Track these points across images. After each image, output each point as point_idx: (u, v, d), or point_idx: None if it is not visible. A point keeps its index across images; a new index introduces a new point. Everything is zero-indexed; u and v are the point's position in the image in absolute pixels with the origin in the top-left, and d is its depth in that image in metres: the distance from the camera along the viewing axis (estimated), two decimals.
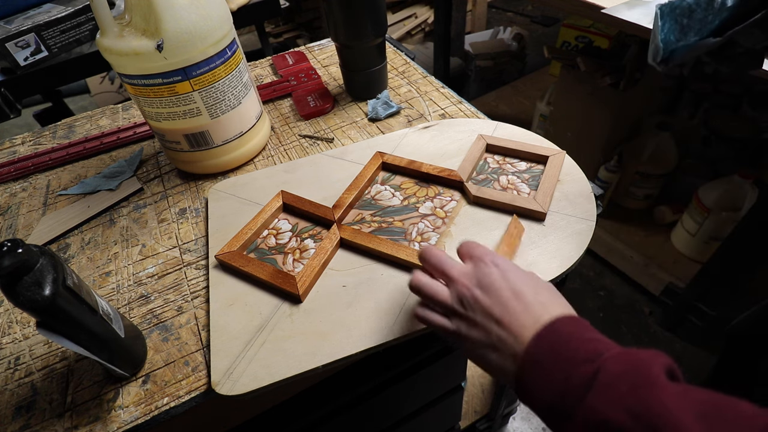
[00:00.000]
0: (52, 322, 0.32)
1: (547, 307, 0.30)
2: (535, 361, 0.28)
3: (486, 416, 0.95)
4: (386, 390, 0.55)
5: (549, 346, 0.28)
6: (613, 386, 0.24)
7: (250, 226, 0.49)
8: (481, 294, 0.32)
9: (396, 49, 0.83)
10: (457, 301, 0.33)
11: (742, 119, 1.31)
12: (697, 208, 1.14)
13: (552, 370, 0.27)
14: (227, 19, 0.53)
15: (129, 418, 0.38)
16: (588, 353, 0.26)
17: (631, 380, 0.24)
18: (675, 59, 0.39)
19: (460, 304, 0.33)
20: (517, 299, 0.31)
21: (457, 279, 0.34)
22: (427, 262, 0.36)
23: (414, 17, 2.27)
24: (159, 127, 0.56)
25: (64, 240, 0.55)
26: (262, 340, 0.40)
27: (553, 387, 0.26)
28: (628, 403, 0.23)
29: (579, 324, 0.29)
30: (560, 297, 0.33)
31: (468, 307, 0.32)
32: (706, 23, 0.38)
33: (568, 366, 0.26)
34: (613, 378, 0.24)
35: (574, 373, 0.26)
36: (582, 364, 0.26)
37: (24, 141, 0.73)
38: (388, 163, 0.56)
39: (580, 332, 0.28)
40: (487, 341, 0.31)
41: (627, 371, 0.24)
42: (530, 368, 0.28)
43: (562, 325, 0.29)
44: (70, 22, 0.89)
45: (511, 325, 0.30)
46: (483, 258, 0.34)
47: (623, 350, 0.26)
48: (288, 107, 0.72)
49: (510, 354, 0.30)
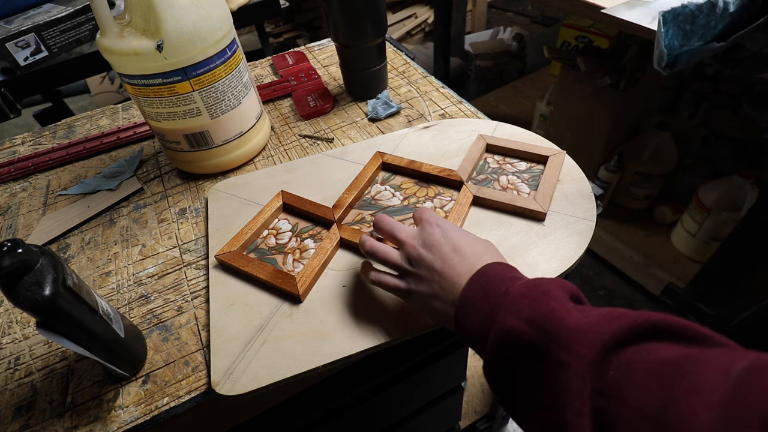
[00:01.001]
0: (52, 322, 0.32)
1: (481, 257, 0.34)
2: (467, 301, 0.31)
3: (486, 416, 0.95)
4: (386, 390, 0.55)
5: (479, 287, 0.31)
6: (516, 303, 0.28)
7: (250, 226, 0.49)
8: (425, 251, 0.36)
9: (396, 49, 0.83)
10: (405, 260, 0.37)
11: (742, 119, 1.31)
12: (697, 208, 1.14)
13: (480, 306, 0.31)
14: (227, 19, 0.53)
15: (129, 418, 0.38)
16: (506, 286, 0.30)
17: (531, 297, 0.28)
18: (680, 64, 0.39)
19: (408, 262, 0.37)
20: (456, 253, 0.35)
21: (405, 241, 0.38)
22: (380, 229, 0.40)
23: (414, 17, 2.27)
24: (159, 127, 0.56)
25: (64, 240, 0.55)
26: (262, 340, 0.40)
27: (480, 319, 0.30)
28: (526, 314, 0.27)
29: (505, 267, 0.33)
30: (495, 250, 0.37)
31: (415, 265, 0.36)
32: (709, 28, 0.38)
33: (491, 299, 0.30)
34: (517, 297, 0.29)
35: (493, 303, 0.30)
36: (500, 296, 0.30)
37: (24, 141, 0.73)
38: (388, 163, 0.56)
39: (504, 272, 0.32)
40: (432, 292, 0.34)
41: (528, 291, 0.29)
42: (464, 308, 0.32)
43: (491, 268, 0.32)
44: (70, 22, 0.89)
45: (450, 275, 0.34)
46: (429, 221, 0.38)
47: (531, 279, 0.31)
48: (288, 107, 0.72)
49: (450, 301, 0.33)
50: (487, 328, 0.29)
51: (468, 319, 0.31)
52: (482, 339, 0.30)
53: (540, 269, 0.43)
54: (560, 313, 0.26)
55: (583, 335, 0.24)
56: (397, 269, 0.38)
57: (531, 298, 0.28)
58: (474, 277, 0.32)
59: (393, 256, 0.38)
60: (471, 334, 0.31)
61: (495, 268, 0.32)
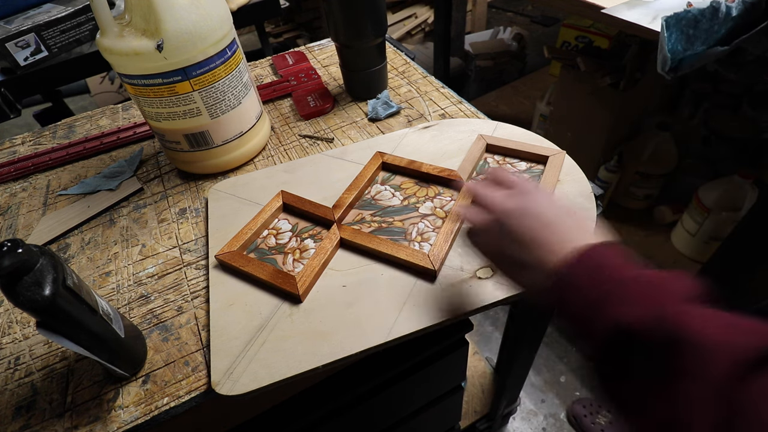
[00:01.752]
0: (52, 322, 0.32)
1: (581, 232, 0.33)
2: (570, 280, 0.30)
3: (486, 416, 0.95)
4: (386, 390, 0.55)
5: (585, 269, 0.29)
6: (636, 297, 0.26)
7: (250, 226, 0.49)
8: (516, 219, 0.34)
9: (396, 49, 0.83)
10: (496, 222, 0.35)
11: (742, 119, 1.31)
12: (697, 208, 1.14)
13: (587, 289, 0.29)
14: (227, 19, 0.53)
15: (129, 418, 0.38)
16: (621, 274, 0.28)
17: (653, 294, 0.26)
18: (683, 68, 0.40)
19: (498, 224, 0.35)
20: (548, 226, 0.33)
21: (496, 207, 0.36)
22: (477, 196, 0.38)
23: (414, 17, 2.27)
24: (159, 127, 0.56)
25: (64, 240, 0.55)
26: (262, 340, 0.40)
27: (586, 303, 0.28)
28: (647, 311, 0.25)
29: (617, 250, 0.30)
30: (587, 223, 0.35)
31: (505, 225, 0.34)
32: (712, 33, 0.39)
33: (602, 285, 0.28)
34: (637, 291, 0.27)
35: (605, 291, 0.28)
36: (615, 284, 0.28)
37: (24, 141, 0.73)
38: (388, 163, 0.56)
39: (616, 258, 0.30)
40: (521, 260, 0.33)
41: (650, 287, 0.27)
42: (565, 286, 0.30)
43: (600, 250, 0.30)
44: (70, 22, 0.89)
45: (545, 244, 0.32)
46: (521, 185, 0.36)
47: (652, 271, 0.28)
48: (288, 107, 0.72)
49: (543, 272, 0.31)
50: (595, 315, 0.28)
51: (570, 299, 0.29)
52: (587, 325, 0.28)
53: None
54: (687, 316, 0.24)
55: (724, 347, 0.22)
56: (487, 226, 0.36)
57: (653, 295, 0.26)
58: (581, 258, 0.30)
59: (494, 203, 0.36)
60: (572, 316, 0.30)
61: (606, 250, 0.30)
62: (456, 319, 0.41)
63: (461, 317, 0.41)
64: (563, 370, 1.16)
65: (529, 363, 0.87)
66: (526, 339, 0.73)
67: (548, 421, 1.09)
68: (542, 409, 1.11)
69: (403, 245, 0.45)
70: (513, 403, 1.02)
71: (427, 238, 0.47)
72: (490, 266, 0.44)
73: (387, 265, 0.45)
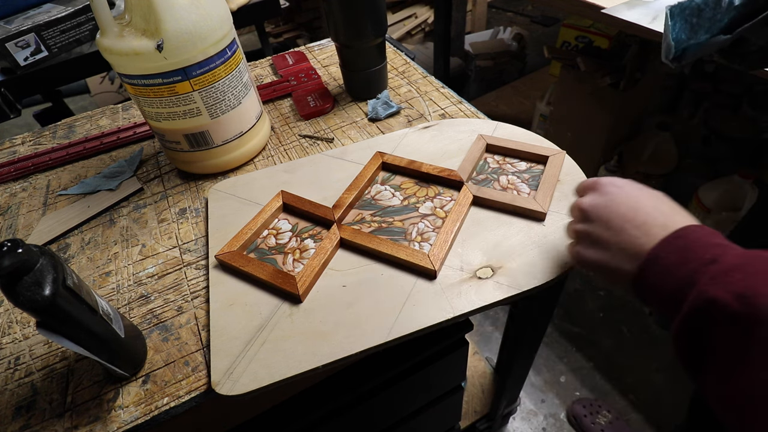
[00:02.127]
0: (52, 322, 0.32)
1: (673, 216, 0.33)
2: (658, 261, 0.30)
3: (486, 416, 0.95)
4: (386, 390, 0.55)
5: (675, 249, 0.30)
6: (727, 275, 0.26)
7: (250, 226, 0.49)
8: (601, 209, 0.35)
9: (396, 49, 0.83)
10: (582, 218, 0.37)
11: (742, 119, 1.31)
12: (697, 208, 1.14)
13: (675, 269, 0.29)
14: (227, 19, 0.53)
15: (129, 418, 0.38)
16: (713, 253, 0.28)
17: (746, 271, 0.26)
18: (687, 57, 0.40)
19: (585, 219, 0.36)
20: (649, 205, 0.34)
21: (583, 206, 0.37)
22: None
23: (414, 17, 2.27)
24: (159, 127, 0.56)
25: (64, 240, 0.55)
26: (262, 340, 0.40)
27: (675, 282, 0.29)
28: (736, 287, 0.25)
29: (708, 232, 0.31)
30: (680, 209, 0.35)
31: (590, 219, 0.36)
32: (715, 21, 0.39)
33: (692, 264, 0.28)
34: (728, 268, 0.27)
35: (695, 269, 0.28)
36: (705, 263, 0.28)
37: (24, 141, 0.73)
38: (388, 163, 0.56)
39: (707, 238, 0.30)
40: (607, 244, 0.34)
41: (744, 264, 0.26)
42: (653, 267, 0.30)
43: (691, 231, 0.31)
44: (70, 22, 0.89)
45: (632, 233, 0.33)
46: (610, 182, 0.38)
47: (747, 250, 0.28)
48: (288, 107, 0.72)
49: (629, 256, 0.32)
50: (684, 293, 0.28)
51: (658, 280, 0.30)
52: (674, 303, 0.29)
53: (540, 269, 0.43)
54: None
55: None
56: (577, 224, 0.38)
57: (746, 273, 0.26)
58: (670, 239, 0.31)
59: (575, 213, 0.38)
60: (659, 295, 0.30)
61: (696, 231, 0.31)
62: (456, 319, 0.41)
63: (461, 317, 0.41)
64: (563, 370, 1.16)
65: (529, 363, 0.87)
66: (526, 339, 0.73)
67: (548, 421, 1.09)
68: (542, 409, 1.11)
69: (403, 245, 0.45)
70: (513, 403, 1.02)
71: (427, 238, 0.47)
72: (490, 266, 0.44)
73: (387, 265, 0.45)
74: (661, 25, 0.78)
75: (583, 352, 1.18)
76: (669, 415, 1.05)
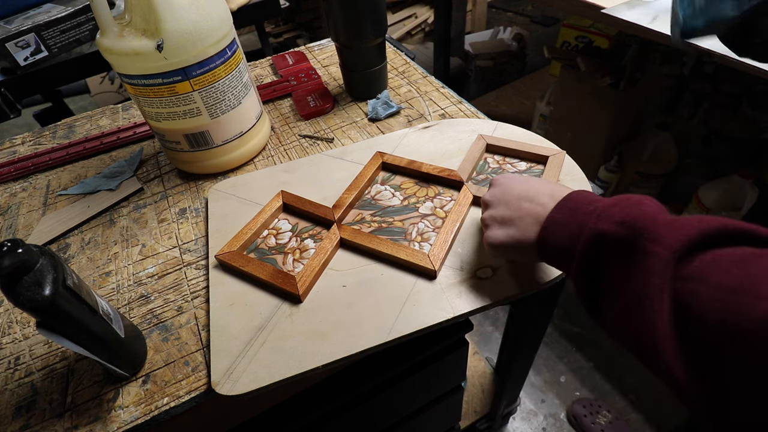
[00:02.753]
0: (52, 322, 0.32)
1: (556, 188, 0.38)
2: (553, 222, 0.34)
3: (486, 416, 0.95)
4: (386, 390, 0.55)
5: (565, 210, 0.34)
6: (607, 211, 0.31)
7: (250, 226, 0.49)
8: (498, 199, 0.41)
9: (396, 49, 0.83)
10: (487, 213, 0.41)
11: (742, 119, 1.31)
12: (697, 208, 1.14)
13: (567, 223, 0.33)
14: (227, 19, 0.53)
15: (129, 418, 0.38)
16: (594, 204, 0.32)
17: (622, 206, 0.30)
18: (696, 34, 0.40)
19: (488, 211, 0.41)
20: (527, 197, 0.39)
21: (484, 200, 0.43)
22: None
23: (414, 17, 2.27)
24: (159, 127, 0.56)
25: (64, 240, 0.55)
26: (262, 340, 0.40)
27: (568, 233, 0.33)
28: (617, 218, 0.29)
29: (588, 193, 0.35)
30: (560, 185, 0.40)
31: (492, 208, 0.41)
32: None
33: (579, 216, 0.33)
34: (608, 206, 0.31)
35: (582, 219, 0.32)
36: (589, 213, 0.32)
37: (24, 141, 0.73)
38: (388, 163, 0.56)
39: (589, 196, 0.34)
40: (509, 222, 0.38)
41: (619, 201, 0.31)
42: (550, 227, 0.34)
43: (575, 195, 0.35)
44: (70, 22, 0.89)
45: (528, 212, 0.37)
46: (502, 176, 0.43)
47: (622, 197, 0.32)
48: (288, 107, 0.72)
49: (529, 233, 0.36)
50: (575, 239, 0.32)
51: (554, 237, 0.34)
52: (569, 250, 0.32)
53: (540, 269, 0.43)
54: (651, 215, 0.28)
55: (673, 230, 0.26)
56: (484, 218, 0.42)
57: (622, 206, 0.30)
58: (561, 203, 0.35)
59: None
60: (557, 249, 0.34)
61: (580, 193, 0.35)
62: (456, 319, 0.41)
63: (461, 317, 0.41)
64: (563, 370, 1.16)
65: (529, 363, 0.87)
66: (526, 339, 0.73)
67: (548, 421, 1.09)
68: (542, 409, 1.11)
69: (403, 245, 0.45)
70: (513, 403, 1.02)
71: (427, 238, 0.47)
72: (490, 266, 0.44)
73: (387, 265, 0.45)
74: (661, 25, 0.78)
75: (583, 352, 1.18)
76: (669, 415, 1.05)
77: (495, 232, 0.39)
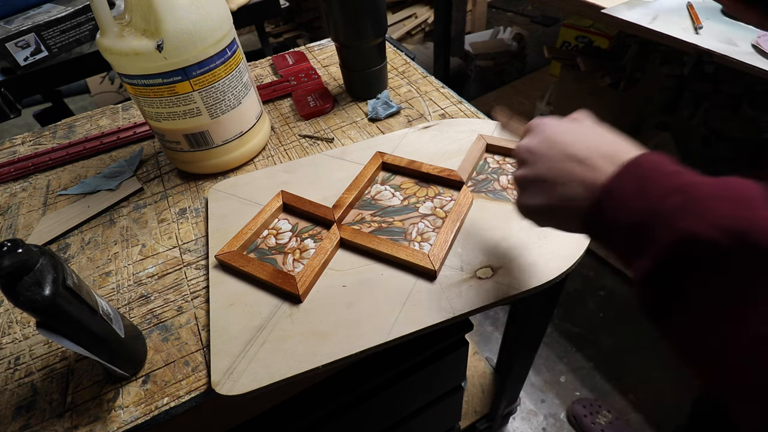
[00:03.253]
0: (52, 322, 0.32)
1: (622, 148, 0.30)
2: (614, 194, 0.27)
3: (486, 416, 0.95)
4: (386, 390, 0.55)
5: (632, 180, 0.26)
6: (703, 205, 0.23)
7: (250, 226, 0.49)
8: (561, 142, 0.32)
9: (396, 49, 0.83)
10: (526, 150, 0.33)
11: (742, 119, 1.31)
12: None
13: (634, 202, 0.26)
14: (227, 19, 0.53)
15: (129, 418, 0.38)
16: (678, 182, 0.25)
17: (725, 199, 0.23)
18: None
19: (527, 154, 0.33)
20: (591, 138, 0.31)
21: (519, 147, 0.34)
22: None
23: (414, 17, 2.27)
24: (159, 127, 0.56)
25: (64, 240, 0.55)
26: (262, 340, 0.40)
27: (634, 217, 0.25)
28: (719, 221, 0.22)
29: (664, 157, 0.27)
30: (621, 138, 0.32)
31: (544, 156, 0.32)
32: None
33: (653, 196, 0.25)
34: (703, 197, 0.23)
35: (658, 202, 0.25)
36: (668, 194, 0.25)
37: (24, 141, 0.73)
38: (388, 163, 0.56)
39: (666, 165, 0.26)
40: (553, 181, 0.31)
41: (721, 192, 0.23)
42: (609, 201, 0.27)
43: (646, 159, 0.27)
44: (70, 22, 0.89)
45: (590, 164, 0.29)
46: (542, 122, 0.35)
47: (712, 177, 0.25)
48: (288, 107, 0.72)
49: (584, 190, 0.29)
50: (647, 229, 0.24)
51: (613, 217, 0.26)
52: (638, 242, 0.25)
53: (540, 269, 0.43)
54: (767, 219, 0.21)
55: None
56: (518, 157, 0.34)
57: (726, 201, 0.23)
58: (624, 170, 0.27)
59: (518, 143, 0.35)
60: (618, 232, 0.26)
61: (649, 158, 0.27)
62: (456, 319, 0.41)
63: (461, 317, 0.41)
64: (563, 370, 1.16)
65: (529, 363, 0.87)
66: (526, 339, 0.73)
67: (548, 421, 1.09)
68: (542, 409, 1.11)
69: (403, 245, 0.45)
70: (513, 403, 1.02)
71: (427, 238, 0.47)
72: (490, 266, 0.44)
73: (387, 265, 0.45)
74: (661, 25, 0.78)
75: (583, 352, 1.18)
76: (669, 415, 1.05)
77: (530, 198, 0.32)
